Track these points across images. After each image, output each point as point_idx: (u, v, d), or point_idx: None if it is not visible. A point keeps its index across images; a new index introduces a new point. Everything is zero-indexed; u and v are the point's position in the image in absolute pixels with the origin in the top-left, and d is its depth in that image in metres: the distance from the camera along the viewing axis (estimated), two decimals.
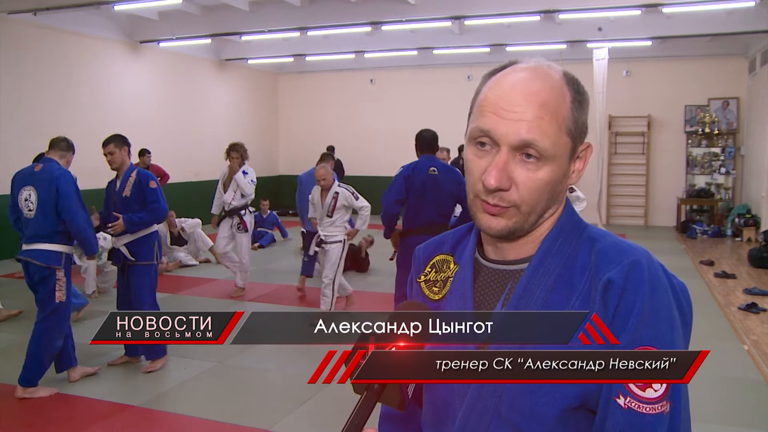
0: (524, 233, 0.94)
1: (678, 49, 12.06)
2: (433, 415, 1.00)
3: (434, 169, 4.83)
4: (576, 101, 0.92)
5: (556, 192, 0.92)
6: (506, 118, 0.88)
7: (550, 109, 0.88)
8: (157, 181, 4.63)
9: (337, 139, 13.76)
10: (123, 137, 4.61)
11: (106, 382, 4.36)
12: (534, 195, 0.89)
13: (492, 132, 0.88)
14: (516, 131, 0.87)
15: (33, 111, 9.40)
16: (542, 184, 0.89)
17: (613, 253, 0.88)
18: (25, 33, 9.26)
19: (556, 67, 0.94)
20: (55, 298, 4.06)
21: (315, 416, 3.85)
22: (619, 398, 0.82)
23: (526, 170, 0.88)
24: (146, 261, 4.52)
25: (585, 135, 0.94)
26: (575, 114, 0.91)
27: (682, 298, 0.88)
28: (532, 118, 0.87)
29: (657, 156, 12.83)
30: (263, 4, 10.40)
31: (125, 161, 4.55)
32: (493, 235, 0.94)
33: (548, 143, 0.87)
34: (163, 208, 4.51)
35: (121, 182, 4.53)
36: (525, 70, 0.92)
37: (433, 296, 1.04)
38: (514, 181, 0.89)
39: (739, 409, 3.97)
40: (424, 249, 1.11)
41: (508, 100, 0.88)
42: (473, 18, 9.89)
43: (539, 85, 0.89)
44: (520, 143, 0.87)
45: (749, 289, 6.87)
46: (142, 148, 10.35)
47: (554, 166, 0.89)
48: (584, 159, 0.95)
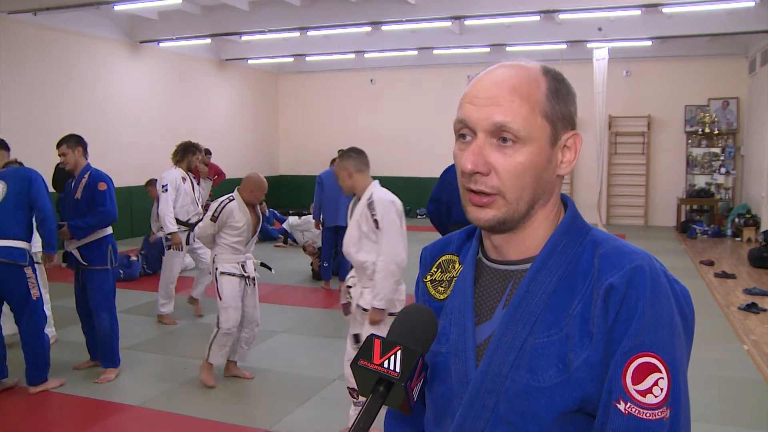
0: (515, 225, 0.93)
1: (678, 49, 12.06)
2: (434, 412, 1.01)
3: None
4: (552, 90, 0.92)
5: (542, 180, 0.92)
6: (479, 105, 0.90)
7: (521, 93, 0.89)
8: (110, 182, 4.41)
9: (337, 139, 13.75)
10: (77, 137, 4.42)
11: (106, 382, 4.36)
12: (515, 180, 0.89)
13: (467, 120, 0.91)
14: (488, 115, 0.89)
15: (33, 111, 9.40)
16: (521, 168, 0.89)
17: (616, 258, 0.88)
18: (25, 33, 9.25)
19: (536, 63, 0.95)
20: (32, 296, 4.04)
21: (315, 416, 3.85)
22: (619, 403, 0.82)
23: (503, 155, 0.89)
24: (99, 266, 4.37)
25: (571, 125, 0.94)
26: (552, 101, 0.91)
27: (684, 304, 0.88)
28: (502, 102, 0.88)
29: (657, 156, 12.83)
30: (263, 4, 10.40)
31: (79, 162, 4.39)
32: (483, 227, 0.94)
33: (521, 124, 0.88)
34: (109, 211, 4.33)
35: (74, 184, 4.40)
36: (502, 66, 0.94)
37: (438, 296, 1.04)
38: (493, 166, 0.89)
39: (739, 409, 3.97)
40: (430, 249, 1.12)
41: (480, 88, 0.91)
42: (473, 18, 9.89)
43: (511, 73, 0.91)
44: (493, 126, 0.88)
45: (749, 289, 6.88)
46: (205, 148, 10.41)
47: (532, 149, 0.89)
48: (573, 149, 0.94)
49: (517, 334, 0.90)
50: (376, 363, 0.82)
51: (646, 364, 0.81)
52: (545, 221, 0.95)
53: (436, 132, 13.90)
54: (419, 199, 14.48)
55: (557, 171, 0.94)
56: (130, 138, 11.11)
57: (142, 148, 11.32)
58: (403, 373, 0.81)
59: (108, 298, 4.43)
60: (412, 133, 14.34)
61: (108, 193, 4.35)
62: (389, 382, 0.81)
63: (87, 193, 4.33)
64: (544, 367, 0.87)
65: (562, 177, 0.96)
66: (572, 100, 0.94)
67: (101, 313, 4.38)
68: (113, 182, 4.50)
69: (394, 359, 0.82)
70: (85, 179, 4.36)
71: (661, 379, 0.81)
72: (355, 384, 0.85)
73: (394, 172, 14.67)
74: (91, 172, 4.39)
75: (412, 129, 14.34)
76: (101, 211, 4.31)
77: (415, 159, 14.35)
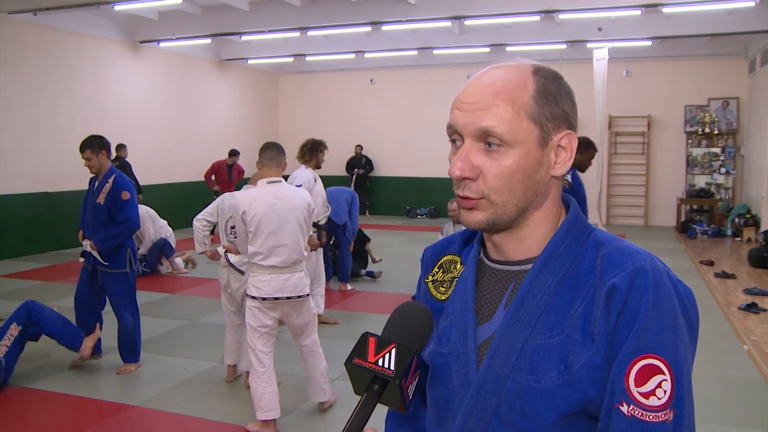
0: (508, 226, 0.92)
1: (678, 49, 12.06)
2: (435, 413, 1.01)
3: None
4: (540, 91, 0.90)
5: (532, 182, 0.91)
6: (464, 110, 0.90)
7: (505, 96, 0.89)
8: (133, 190, 4.44)
9: (337, 140, 13.75)
10: (100, 139, 4.42)
11: (106, 382, 4.37)
12: (502, 183, 0.89)
13: (454, 125, 0.91)
14: (473, 121, 0.89)
15: (33, 111, 9.40)
16: (509, 172, 0.89)
17: (619, 259, 0.87)
18: (25, 33, 9.26)
19: (529, 63, 0.93)
20: None
21: (315, 416, 3.85)
22: (622, 406, 0.81)
23: (490, 159, 0.89)
24: (118, 269, 4.43)
25: (565, 125, 0.93)
26: (538, 102, 0.90)
27: (687, 304, 0.87)
28: (486, 106, 0.88)
29: (657, 156, 12.83)
30: (263, 4, 10.41)
31: (103, 165, 4.40)
32: (474, 229, 0.94)
33: (505, 128, 0.88)
34: (132, 221, 4.39)
35: (97, 187, 4.41)
36: (493, 68, 0.94)
37: (439, 296, 1.04)
38: (480, 170, 0.89)
39: (739, 409, 3.96)
40: (432, 249, 1.11)
41: (466, 93, 0.92)
42: (473, 18, 9.89)
43: (498, 76, 0.91)
44: (477, 131, 0.89)
45: (749, 289, 6.87)
46: (233, 149, 11.44)
47: (520, 152, 0.89)
48: (569, 149, 0.93)
49: (518, 335, 0.90)
50: (371, 361, 0.82)
51: (650, 366, 0.81)
52: (544, 222, 0.95)
53: (436, 132, 13.87)
54: (419, 199, 14.49)
55: (551, 172, 0.93)
56: (130, 138, 11.09)
57: (142, 148, 11.32)
58: (398, 371, 0.81)
59: (130, 299, 4.54)
60: (412, 133, 14.34)
61: (131, 202, 4.37)
62: (384, 380, 0.81)
63: (109, 199, 4.34)
64: (545, 368, 0.87)
65: (560, 177, 0.95)
66: (566, 99, 0.93)
67: (124, 314, 4.49)
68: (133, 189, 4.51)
69: (389, 357, 0.82)
70: (109, 185, 4.35)
71: (664, 381, 0.81)
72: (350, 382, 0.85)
73: (394, 172, 14.68)
74: (115, 177, 4.39)
75: (412, 129, 14.34)
76: (124, 221, 4.37)
77: (415, 159, 14.35)
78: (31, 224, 9.36)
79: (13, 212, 9.09)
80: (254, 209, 3.40)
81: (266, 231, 3.41)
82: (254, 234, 3.41)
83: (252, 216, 3.40)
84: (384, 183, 14.66)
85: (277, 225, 3.43)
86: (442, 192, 14.15)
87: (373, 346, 0.83)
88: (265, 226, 3.41)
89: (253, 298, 3.46)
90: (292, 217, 3.49)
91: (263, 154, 3.61)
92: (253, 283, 3.47)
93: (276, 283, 3.46)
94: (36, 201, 9.45)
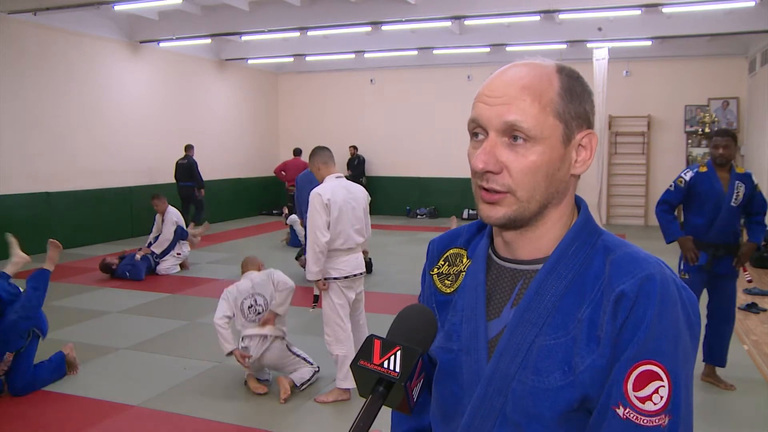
0: (526, 223, 0.93)
1: (678, 49, 12.06)
2: (442, 408, 1.01)
3: None
4: (565, 89, 0.91)
5: (554, 179, 0.91)
6: (490, 104, 0.90)
7: (532, 91, 0.89)
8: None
9: (337, 139, 13.76)
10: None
11: (106, 382, 4.37)
12: (527, 179, 0.89)
13: (479, 119, 0.91)
14: (498, 114, 0.89)
15: (33, 111, 9.40)
16: (533, 167, 0.89)
17: (628, 265, 0.88)
18: (24, 33, 9.26)
19: (551, 61, 0.94)
20: None
21: (315, 416, 3.85)
22: (618, 408, 0.82)
23: (515, 153, 0.89)
24: None
25: (586, 124, 0.94)
26: (564, 100, 0.91)
27: (691, 312, 0.88)
28: (512, 100, 0.89)
29: (657, 156, 12.84)
30: (263, 4, 10.41)
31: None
32: (494, 224, 0.94)
33: (531, 123, 0.88)
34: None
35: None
36: (516, 65, 0.94)
37: (444, 289, 1.05)
38: (504, 165, 0.89)
39: (739, 409, 3.96)
40: (438, 242, 1.12)
41: (492, 87, 0.92)
42: (473, 18, 9.90)
43: (523, 72, 0.92)
44: (503, 125, 0.89)
45: (749, 289, 6.88)
46: (296, 148, 12.36)
47: (545, 148, 0.89)
48: (589, 148, 0.94)
49: (525, 336, 0.90)
50: (376, 363, 0.82)
51: (648, 372, 0.82)
52: (559, 222, 0.95)
53: (436, 132, 13.91)
54: (419, 199, 14.49)
55: (571, 170, 0.94)
56: (130, 138, 11.11)
57: (142, 148, 11.34)
58: (403, 373, 0.81)
59: None
60: (413, 133, 14.34)
61: None
62: (389, 382, 0.81)
63: None
64: (549, 369, 0.88)
65: (577, 177, 0.96)
66: (587, 99, 0.94)
67: None
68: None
69: (394, 359, 0.82)
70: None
71: (662, 387, 0.82)
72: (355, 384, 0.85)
73: (394, 172, 14.68)
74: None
75: (412, 129, 14.34)
76: None
77: (416, 159, 14.35)
78: (30, 224, 9.35)
79: (13, 212, 9.08)
80: (335, 197, 3.87)
81: (345, 217, 3.89)
82: (336, 219, 3.86)
83: (334, 203, 3.86)
84: (384, 183, 14.66)
85: (351, 211, 3.93)
86: (443, 192, 14.17)
87: (379, 349, 0.83)
88: (344, 213, 3.89)
89: (336, 279, 3.93)
90: (360, 206, 4.01)
91: (320, 155, 4.07)
92: (334, 266, 3.91)
93: (353, 261, 3.99)
94: (35, 201, 9.45)
